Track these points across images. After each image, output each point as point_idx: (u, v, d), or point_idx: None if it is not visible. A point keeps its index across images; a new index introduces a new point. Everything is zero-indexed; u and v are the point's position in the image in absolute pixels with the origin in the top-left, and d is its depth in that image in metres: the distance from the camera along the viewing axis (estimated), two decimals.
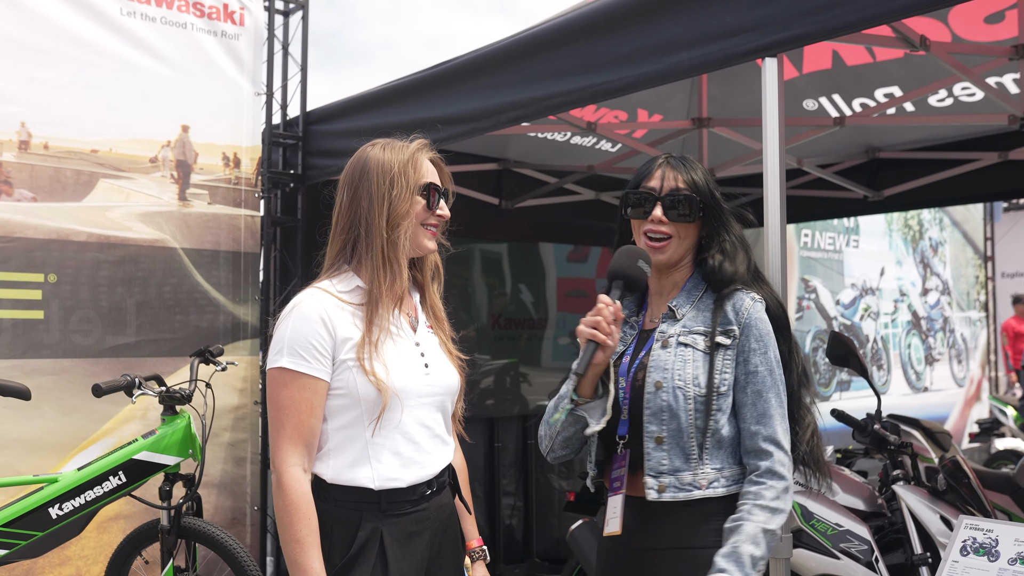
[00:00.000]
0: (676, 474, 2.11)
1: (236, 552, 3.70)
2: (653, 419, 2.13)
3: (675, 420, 2.11)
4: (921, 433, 4.00)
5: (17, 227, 4.17)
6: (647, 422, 2.13)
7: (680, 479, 2.11)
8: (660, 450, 2.12)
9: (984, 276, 10.82)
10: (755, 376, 2.14)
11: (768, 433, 2.11)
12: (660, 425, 2.12)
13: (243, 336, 4.85)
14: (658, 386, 2.13)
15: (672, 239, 2.23)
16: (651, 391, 2.13)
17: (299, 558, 2.03)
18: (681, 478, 2.11)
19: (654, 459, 2.12)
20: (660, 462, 2.12)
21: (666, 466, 2.12)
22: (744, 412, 2.14)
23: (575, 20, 3.24)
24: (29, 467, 4.08)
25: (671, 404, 2.11)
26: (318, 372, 2.10)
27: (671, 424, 2.12)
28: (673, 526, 2.13)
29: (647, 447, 2.13)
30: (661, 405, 2.12)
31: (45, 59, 4.27)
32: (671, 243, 2.23)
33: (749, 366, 2.14)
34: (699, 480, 2.11)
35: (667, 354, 2.16)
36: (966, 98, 4.67)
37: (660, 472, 2.12)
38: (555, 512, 6.27)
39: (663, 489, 2.11)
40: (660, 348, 2.18)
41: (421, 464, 2.19)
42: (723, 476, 2.13)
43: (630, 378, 2.20)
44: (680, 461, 2.12)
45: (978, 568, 2.52)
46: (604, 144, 5.68)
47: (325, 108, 4.78)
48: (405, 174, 2.20)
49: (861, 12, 2.52)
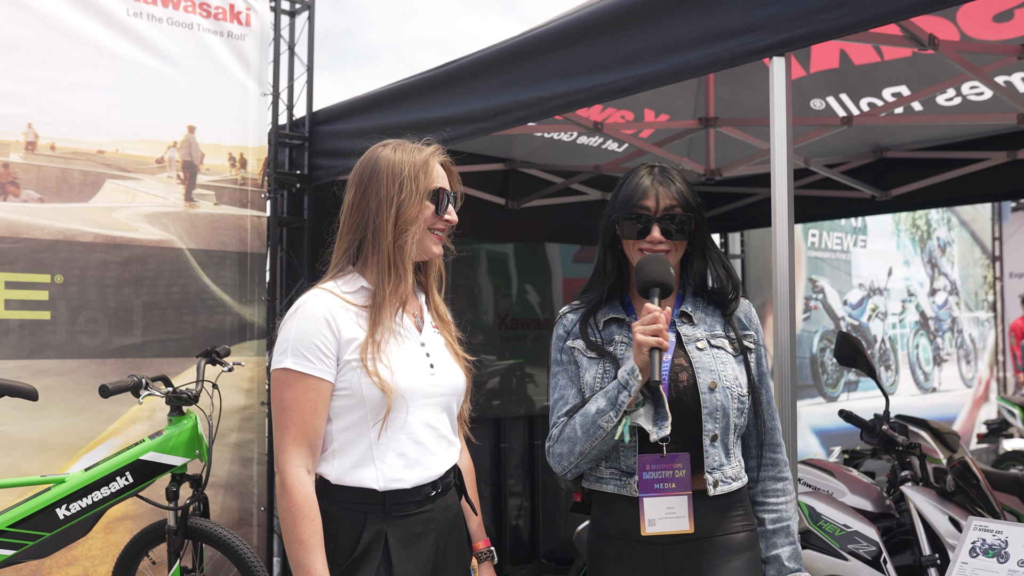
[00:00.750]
0: (722, 469, 2.25)
1: (243, 553, 3.70)
2: (710, 418, 2.23)
3: (725, 418, 2.24)
4: (929, 434, 3.99)
5: (24, 228, 4.17)
6: (705, 421, 2.23)
7: (724, 473, 2.25)
8: (715, 447, 2.24)
9: (992, 276, 10.78)
10: (766, 377, 2.35)
11: (777, 426, 2.37)
12: (714, 423, 2.24)
13: (250, 337, 4.85)
14: (712, 387, 2.23)
15: (669, 253, 2.31)
16: (706, 391, 2.23)
17: (303, 559, 2.03)
18: (725, 472, 2.25)
19: (711, 456, 2.23)
20: (714, 459, 2.24)
21: (717, 462, 2.24)
22: (760, 409, 2.32)
23: (581, 20, 3.23)
24: (36, 467, 4.08)
25: (724, 403, 2.24)
26: (322, 373, 2.10)
27: (722, 422, 2.24)
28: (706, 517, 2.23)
29: (705, 445, 2.23)
30: (716, 404, 2.23)
31: (52, 60, 4.28)
32: (668, 256, 2.31)
33: (762, 367, 2.34)
34: (736, 472, 2.27)
35: (707, 356, 2.27)
36: (974, 97, 4.65)
37: (714, 468, 2.24)
38: (562, 513, 6.26)
39: (717, 484, 2.23)
40: (697, 351, 2.27)
41: (426, 465, 2.19)
42: (742, 468, 2.31)
43: (666, 380, 2.24)
44: (724, 457, 2.25)
45: (987, 569, 2.52)
46: (611, 144, 5.68)
47: (331, 108, 4.78)
48: (415, 178, 2.19)
49: (868, 11, 2.51)
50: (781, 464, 2.36)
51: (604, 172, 5.78)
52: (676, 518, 2.20)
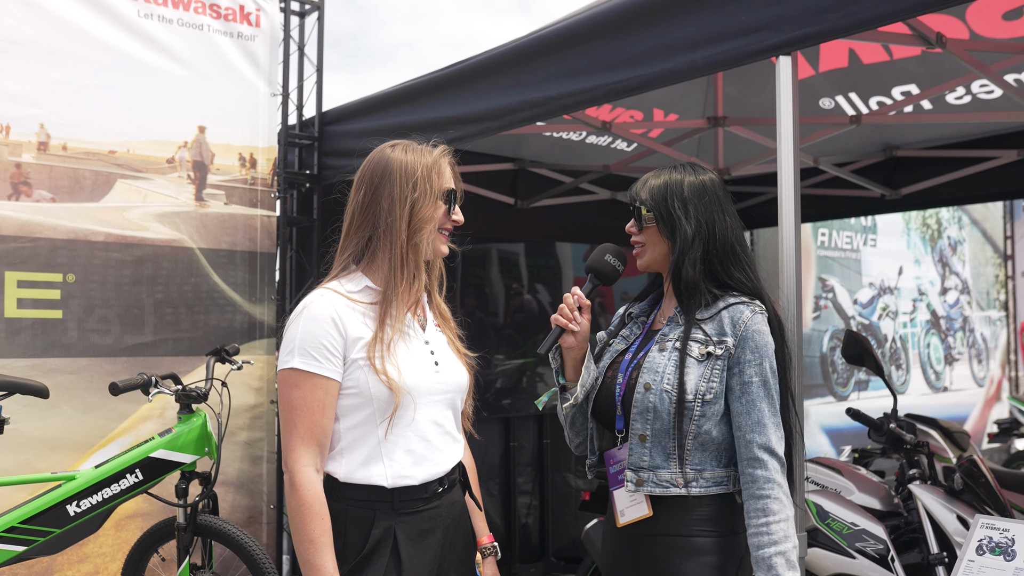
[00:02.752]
0: (655, 470, 2.22)
1: (252, 550, 3.72)
2: (639, 417, 2.24)
3: (659, 421, 2.21)
4: (939, 433, 3.98)
5: (37, 227, 4.20)
6: (633, 420, 2.25)
7: (658, 476, 2.22)
8: (643, 447, 2.23)
9: (1004, 275, 10.73)
10: (749, 386, 2.20)
11: (762, 441, 2.18)
12: (645, 424, 2.23)
13: (259, 336, 4.87)
14: (647, 387, 2.23)
15: (645, 246, 2.37)
16: (640, 392, 2.24)
17: (312, 558, 2.05)
18: (659, 475, 2.22)
19: (636, 454, 2.24)
20: (641, 458, 2.23)
21: (647, 463, 2.23)
22: (740, 421, 2.21)
23: (589, 19, 3.24)
24: (48, 465, 4.12)
25: (656, 405, 2.21)
26: (330, 372, 2.12)
27: (655, 424, 2.22)
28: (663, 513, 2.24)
29: (631, 442, 2.25)
30: (647, 405, 2.22)
31: (64, 61, 4.31)
32: (644, 250, 2.38)
33: (744, 376, 2.21)
34: (677, 479, 2.21)
35: (662, 357, 2.26)
36: (984, 95, 4.64)
37: (640, 467, 2.23)
38: (571, 511, 6.27)
39: (641, 483, 2.23)
40: (657, 351, 2.28)
41: (433, 462, 2.21)
42: (703, 477, 2.22)
43: (626, 376, 2.31)
44: (660, 459, 2.22)
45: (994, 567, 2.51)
46: (620, 143, 5.68)
47: (340, 108, 4.80)
48: (429, 179, 2.22)
49: (876, 9, 2.50)
50: (760, 480, 2.15)
51: (613, 172, 5.78)
52: (638, 504, 2.26)
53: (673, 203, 2.31)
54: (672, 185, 2.33)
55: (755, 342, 2.21)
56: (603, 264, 2.38)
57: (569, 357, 2.35)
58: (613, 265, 2.39)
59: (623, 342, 2.42)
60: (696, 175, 2.35)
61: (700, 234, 2.29)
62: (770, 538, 2.12)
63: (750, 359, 2.20)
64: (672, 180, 2.34)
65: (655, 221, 2.33)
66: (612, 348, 2.43)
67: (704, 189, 2.33)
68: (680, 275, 2.28)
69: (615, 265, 2.39)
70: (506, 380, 6.10)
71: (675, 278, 2.30)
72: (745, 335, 2.21)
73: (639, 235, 2.37)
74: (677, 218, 2.30)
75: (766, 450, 2.17)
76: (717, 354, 2.21)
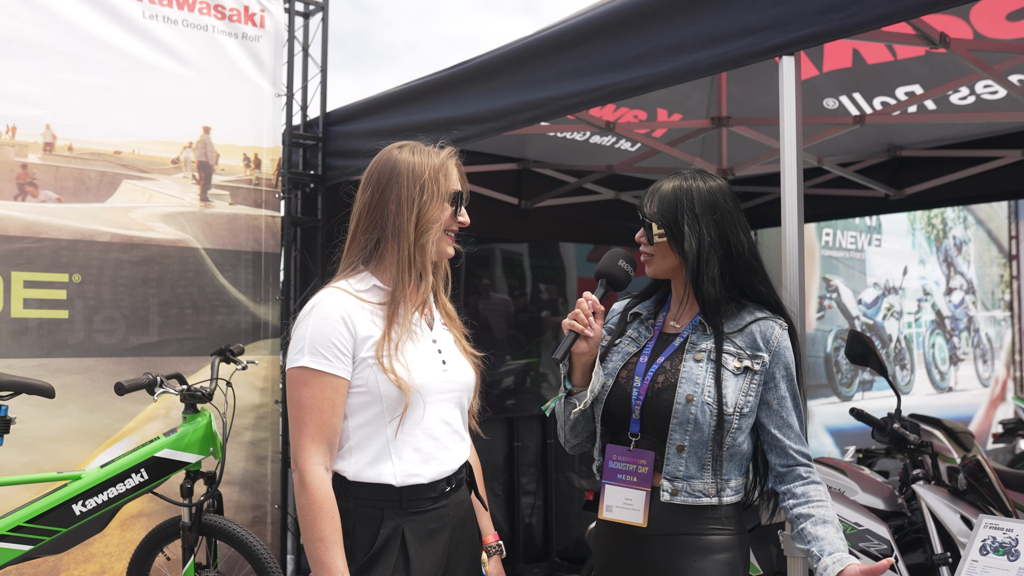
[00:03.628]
0: (689, 480, 2.23)
1: (256, 549, 3.73)
2: (678, 428, 2.23)
3: (698, 432, 2.22)
4: (943, 433, 3.98)
5: (43, 228, 4.22)
6: (672, 430, 2.23)
7: (692, 486, 2.23)
8: (679, 457, 2.23)
9: (1009, 275, 10.70)
10: (785, 401, 2.27)
11: (806, 451, 2.30)
12: (684, 435, 2.22)
13: (264, 336, 4.88)
14: (689, 399, 2.22)
15: (654, 257, 2.37)
16: (681, 403, 2.22)
17: (322, 556, 2.05)
18: (693, 485, 2.23)
19: (672, 464, 2.23)
20: (677, 468, 2.23)
21: (682, 472, 2.23)
22: (780, 433, 2.28)
23: (592, 20, 3.24)
24: (54, 465, 4.13)
25: (698, 418, 2.21)
26: (339, 371, 2.12)
27: (694, 435, 2.22)
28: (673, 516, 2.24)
29: (668, 452, 2.24)
30: (688, 417, 2.21)
31: (69, 62, 4.32)
32: (652, 260, 2.38)
33: (779, 391, 2.27)
34: (708, 488, 2.23)
35: (700, 369, 2.25)
36: (988, 96, 4.63)
37: (675, 477, 2.23)
38: (575, 511, 6.27)
39: (676, 493, 2.23)
40: (694, 361, 2.26)
41: (441, 460, 2.22)
42: (729, 487, 2.26)
43: (647, 379, 2.28)
44: (695, 469, 2.23)
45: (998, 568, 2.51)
46: (624, 144, 5.68)
47: (344, 109, 4.81)
48: (436, 181, 2.23)
49: (879, 9, 2.50)
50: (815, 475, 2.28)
51: (617, 172, 5.78)
52: (632, 510, 2.26)
53: (683, 219, 2.28)
54: (683, 199, 2.29)
55: (786, 359, 2.28)
56: (616, 270, 2.38)
57: (579, 362, 2.35)
58: (626, 270, 2.39)
59: (633, 344, 2.39)
60: (706, 183, 2.32)
61: (715, 251, 2.27)
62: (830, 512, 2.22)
63: (784, 375, 2.27)
64: (682, 193, 2.30)
65: (666, 237, 2.31)
66: (622, 349, 2.39)
67: (715, 203, 2.29)
68: (702, 293, 2.28)
69: (628, 270, 2.39)
70: (510, 380, 6.10)
71: (697, 294, 2.30)
72: (777, 351, 2.27)
73: (649, 247, 2.37)
74: (688, 235, 2.27)
75: (808, 458, 2.30)
76: (755, 369, 2.25)
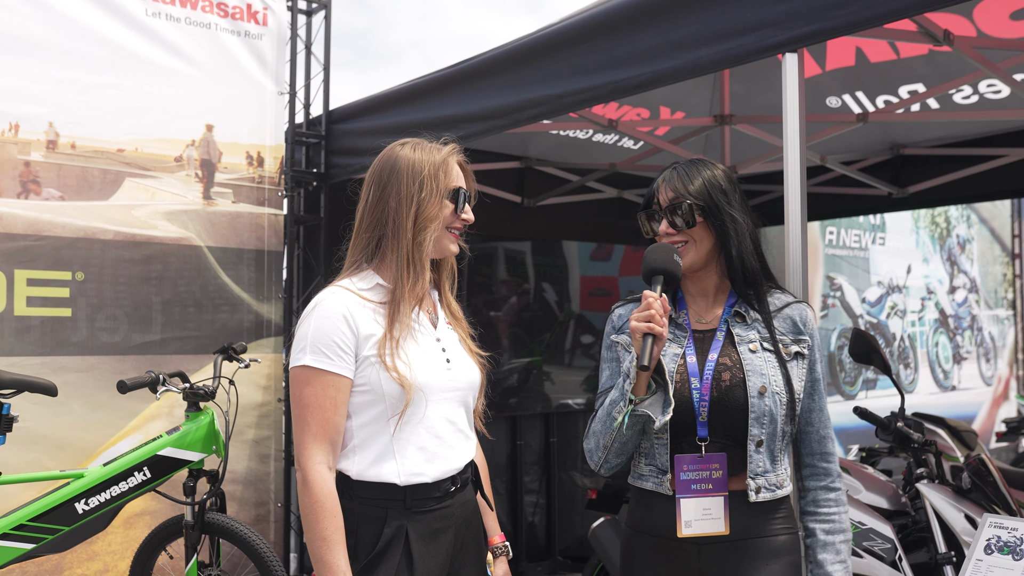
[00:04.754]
0: (766, 475, 2.21)
1: (259, 548, 3.73)
2: (756, 423, 2.18)
3: (773, 424, 2.19)
4: (946, 432, 3.96)
5: (45, 226, 4.22)
6: (751, 425, 2.18)
7: (768, 480, 2.21)
8: (759, 453, 2.19)
9: (1012, 274, 10.69)
10: (819, 383, 2.29)
11: (832, 436, 2.29)
12: (761, 429, 2.19)
13: (267, 334, 4.88)
14: (762, 391, 2.18)
15: (688, 244, 2.28)
16: (755, 396, 2.18)
17: (325, 556, 2.05)
18: (769, 479, 2.21)
19: (755, 461, 2.20)
20: (758, 464, 2.20)
21: (761, 468, 2.20)
22: (813, 416, 2.28)
23: (594, 17, 3.23)
24: (58, 463, 4.13)
25: (772, 410, 2.18)
26: (342, 369, 2.11)
27: (769, 428, 2.19)
28: (743, 520, 2.20)
29: (749, 449, 2.19)
30: (764, 410, 2.18)
31: (72, 60, 4.32)
32: (687, 248, 2.28)
33: (815, 374, 2.28)
34: (780, 480, 2.22)
35: (759, 359, 2.22)
36: (991, 95, 4.62)
37: (757, 474, 2.20)
38: (578, 510, 6.27)
39: (759, 490, 2.19)
40: (750, 352, 2.23)
41: (445, 459, 2.21)
42: (788, 476, 2.25)
43: (707, 379, 2.22)
44: (769, 463, 2.21)
45: (1003, 567, 2.51)
46: (626, 142, 5.67)
47: (347, 107, 4.81)
48: (435, 177, 2.21)
49: (881, 7, 2.50)
50: (834, 475, 2.28)
51: (620, 170, 5.78)
52: (712, 519, 2.19)
53: (718, 196, 2.27)
54: (708, 177, 2.29)
55: (818, 341, 2.29)
56: (673, 264, 2.18)
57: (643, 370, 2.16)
58: (679, 263, 2.21)
59: (676, 344, 2.28)
60: (717, 168, 2.34)
61: (748, 226, 2.29)
62: (840, 526, 2.25)
63: (817, 358, 2.29)
64: (704, 171, 2.30)
65: (704, 216, 2.26)
66: (666, 352, 2.27)
67: (733, 182, 2.33)
68: (746, 268, 2.25)
69: (680, 263, 2.22)
70: (513, 379, 6.10)
71: (739, 272, 2.26)
72: (813, 334, 2.28)
73: (681, 233, 2.28)
74: (724, 210, 2.26)
75: (833, 443, 2.29)
76: (804, 353, 2.25)
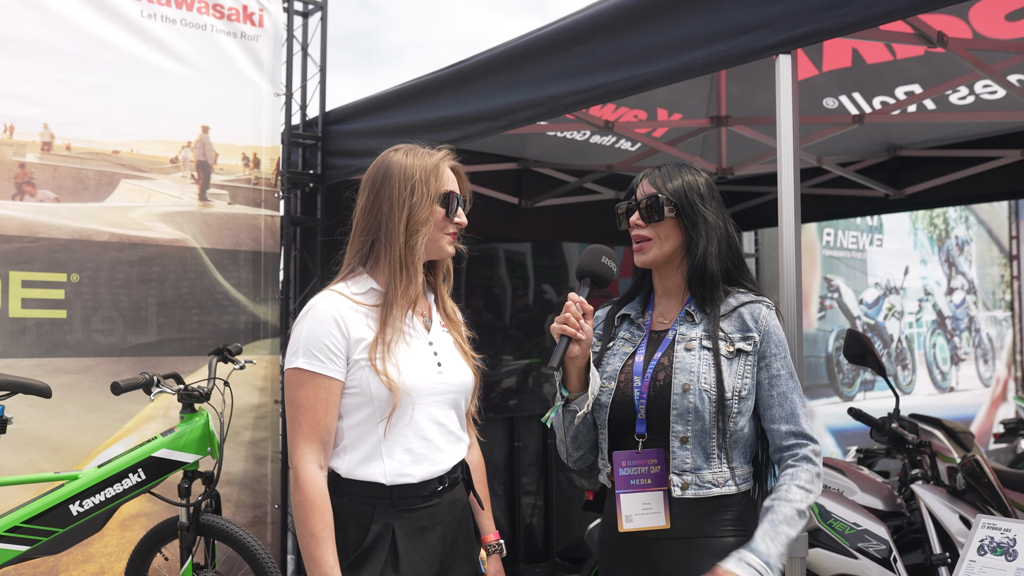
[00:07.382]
0: (697, 472, 2.21)
1: (255, 549, 3.73)
2: (679, 420, 2.21)
3: (700, 421, 2.20)
4: (943, 433, 3.97)
5: (40, 227, 4.22)
6: (673, 422, 2.21)
7: (700, 477, 2.21)
8: (684, 449, 2.21)
9: (1009, 275, 10.69)
10: (778, 379, 2.25)
11: (797, 430, 2.23)
12: (685, 426, 2.21)
13: (263, 335, 4.88)
14: (685, 388, 2.21)
15: (652, 241, 2.32)
16: (678, 393, 2.21)
17: (314, 551, 2.11)
18: (701, 476, 2.21)
19: (679, 458, 2.21)
20: (684, 461, 2.21)
21: (689, 465, 2.21)
22: (772, 413, 2.25)
23: (589, 18, 3.24)
24: (53, 465, 4.13)
25: (697, 406, 2.20)
26: (332, 372, 2.17)
27: (696, 425, 2.21)
28: (688, 517, 2.22)
29: (672, 446, 2.21)
30: (688, 407, 2.20)
31: (67, 61, 4.32)
32: (650, 244, 2.33)
33: (772, 370, 2.25)
34: (717, 478, 2.21)
35: (692, 357, 2.24)
36: (987, 96, 4.63)
37: (683, 470, 2.21)
38: (576, 511, 6.26)
39: (686, 487, 2.21)
40: (684, 351, 2.25)
41: (433, 461, 2.25)
42: (736, 475, 2.24)
43: (647, 378, 2.27)
44: (701, 460, 2.21)
45: (995, 568, 2.51)
46: (623, 143, 5.68)
47: (343, 108, 4.81)
48: (426, 182, 2.26)
49: (876, 8, 2.51)
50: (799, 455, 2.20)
51: (617, 171, 5.78)
52: (652, 513, 2.22)
53: (693, 196, 2.31)
54: (688, 179, 2.33)
55: (777, 336, 2.26)
56: (600, 267, 2.28)
57: (573, 367, 2.25)
58: (609, 267, 2.29)
59: (628, 344, 2.36)
60: (701, 174, 2.37)
61: (718, 230, 2.31)
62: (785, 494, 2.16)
63: (775, 352, 2.25)
64: (686, 175, 2.34)
65: (675, 213, 2.30)
66: (618, 351, 2.36)
67: (713, 190, 2.36)
68: (705, 269, 2.28)
69: (611, 267, 2.30)
70: (511, 380, 6.10)
71: (698, 272, 2.29)
72: (767, 330, 2.26)
73: (648, 228, 2.32)
74: (699, 211, 2.30)
75: (803, 436, 2.22)
76: (747, 350, 2.24)
